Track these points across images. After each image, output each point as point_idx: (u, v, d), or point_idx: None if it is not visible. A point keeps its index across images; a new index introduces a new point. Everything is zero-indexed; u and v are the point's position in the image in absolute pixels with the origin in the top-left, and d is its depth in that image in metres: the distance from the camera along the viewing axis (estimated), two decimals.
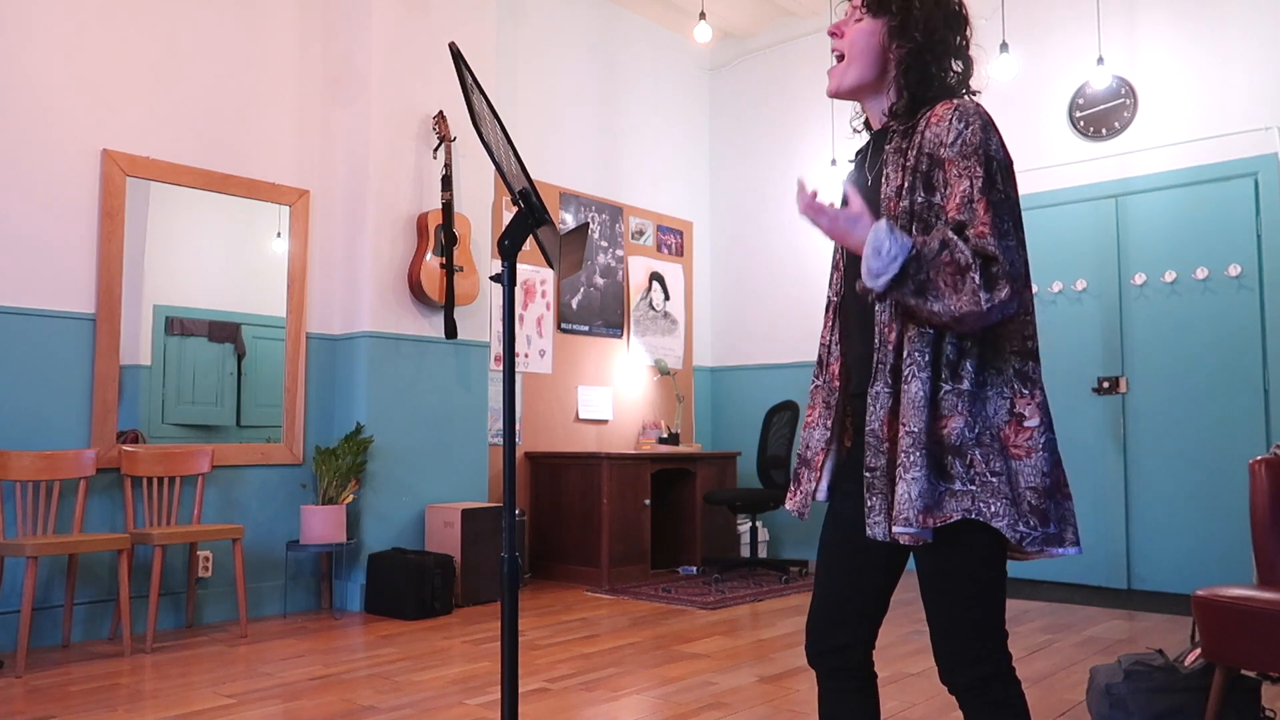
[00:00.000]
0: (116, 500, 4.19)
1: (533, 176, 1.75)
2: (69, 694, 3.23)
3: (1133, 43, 5.40)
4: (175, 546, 4.32)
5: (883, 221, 1.43)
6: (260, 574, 4.63)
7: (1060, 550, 1.45)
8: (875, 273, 1.42)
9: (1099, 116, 5.49)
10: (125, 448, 4.19)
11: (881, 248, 1.41)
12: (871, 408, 1.50)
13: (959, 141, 1.46)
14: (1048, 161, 5.56)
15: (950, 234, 1.40)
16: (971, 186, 1.43)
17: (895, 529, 1.44)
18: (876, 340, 1.50)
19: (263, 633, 4.24)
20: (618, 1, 6.73)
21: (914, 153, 1.51)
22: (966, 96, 1.58)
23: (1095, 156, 5.48)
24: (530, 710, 3.03)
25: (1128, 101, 5.39)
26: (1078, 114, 5.57)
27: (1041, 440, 1.45)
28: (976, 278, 1.37)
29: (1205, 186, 5.13)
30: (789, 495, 1.69)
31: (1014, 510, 1.41)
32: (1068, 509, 1.47)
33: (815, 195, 1.47)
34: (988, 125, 1.47)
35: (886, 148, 1.57)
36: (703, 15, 6.17)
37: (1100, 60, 5.22)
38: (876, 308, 1.51)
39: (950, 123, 1.47)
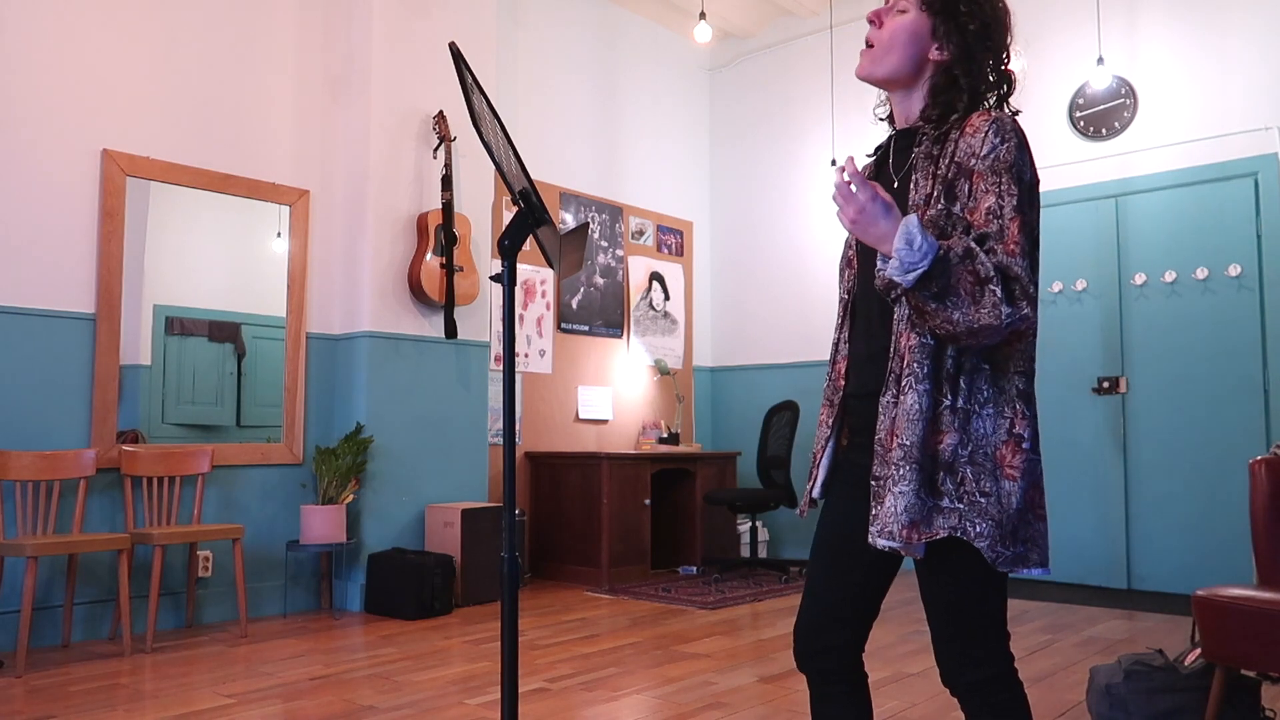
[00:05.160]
0: (116, 500, 4.19)
1: (533, 176, 1.74)
2: (69, 694, 3.23)
3: (1133, 43, 5.40)
4: (175, 546, 4.32)
5: (912, 216, 1.37)
6: (260, 574, 4.63)
7: (1025, 571, 1.43)
8: (906, 266, 1.35)
9: (1099, 116, 5.49)
10: (125, 448, 4.19)
11: (914, 240, 1.34)
12: (882, 417, 1.47)
13: (992, 155, 1.43)
14: (1048, 161, 5.55)
15: (973, 244, 1.38)
16: (1001, 203, 1.41)
17: (880, 541, 1.44)
18: (892, 348, 1.48)
19: (263, 633, 4.24)
20: (618, 1, 6.72)
21: (945, 161, 1.48)
22: (1004, 111, 1.55)
23: (1095, 156, 5.48)
24: (530, 710, 3.03)
25: (1128, 101, 5.39)
26: (1078, 114, 5.57)
27: (1030, 462, 1.44)
28: (998, 291, 1.35)
29: (1205, 186, 5.13)
30: (804, 495, 1.69)
31: (997, 531, 1.40)
32: (1038, 530, 1.45)
33: (857, 176, 1.39)
34: (1023, 145, 1.45)
35: (916, 151, 1.54)
36: (703, 15, 6.17)
37: (1100, 60, 5.22)
38: (895, 313, 1.47)
39: (986, 135, 1.45)
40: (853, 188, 1.38)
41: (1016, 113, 1.58)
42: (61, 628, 3.97)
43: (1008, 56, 1.58)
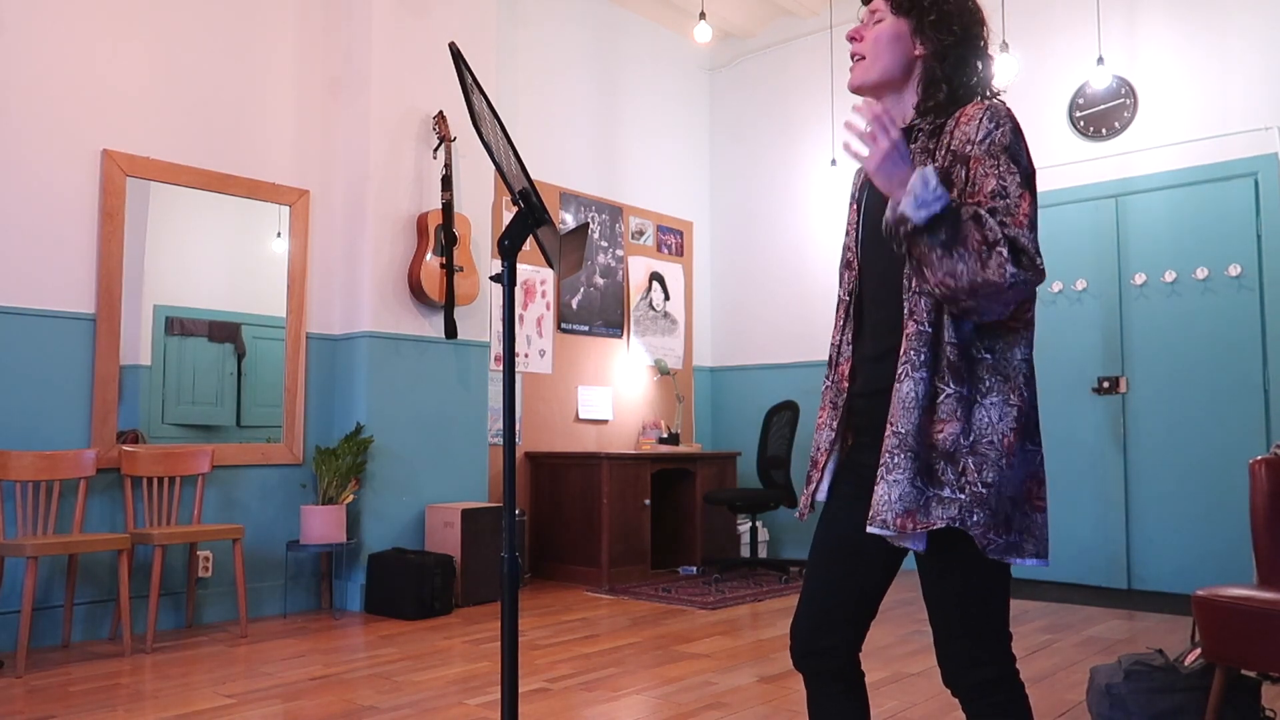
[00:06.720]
0: (116, 500, 4.19)
1: (533, 176, 1.74)
2: (69, 694, 3.23)
3: (1133, 43, 5.40)
4: (175, 546, 4.32)
5: (929, 166, 1.41)
6: (260, 574, 4.63)
7: (1018, 560, 1.43)
8: (920, 202, 1.37)
9: (1099, 116, 5.49)
10: (125, 448, 4.19)
11: (930, 182, 1.37)
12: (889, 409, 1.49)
13: (988, 140, 1.45)
14: (1048, 161, 5.55)
15: (983, 211, 1.39)
16: (1004, 183, 1.42)
17: (870, 529, 1.44)
18: (903, 347, 1.49)
19: (263, 633, 4.24)
20: (618, 1, 6.72)
21: (942, 152, 1.49)
22: (997, 99, 1.58)
23: (1095, 156, 5.48)
24: (530, 710, 3.03)
25: (1128, 101, 5.39)
26: (1078, 114, 5.57)
27: (1029, 452, 1.45)
28: (1004, 252, 1.35)
29: (1205, 186, 5.13)
30: (802, 497, 1.68)
31: (991, 519, 1.40)
32: (1035, 520, 1.45)
33: (888, 115, 1.42)
34: (1017, 131, 1.47)
35: (913, 146, 1.55)
36: (703, 15, 6.17)
37: (1100, 60, 5.22)
38: (904, 308, 1.48)
39: (981, 122, 1.46)
40: (882, 127, 1.41)
41: (1000, 91, 1.61)
42: (61, 628, 3.97)
43: (985, 44, 1.61)
